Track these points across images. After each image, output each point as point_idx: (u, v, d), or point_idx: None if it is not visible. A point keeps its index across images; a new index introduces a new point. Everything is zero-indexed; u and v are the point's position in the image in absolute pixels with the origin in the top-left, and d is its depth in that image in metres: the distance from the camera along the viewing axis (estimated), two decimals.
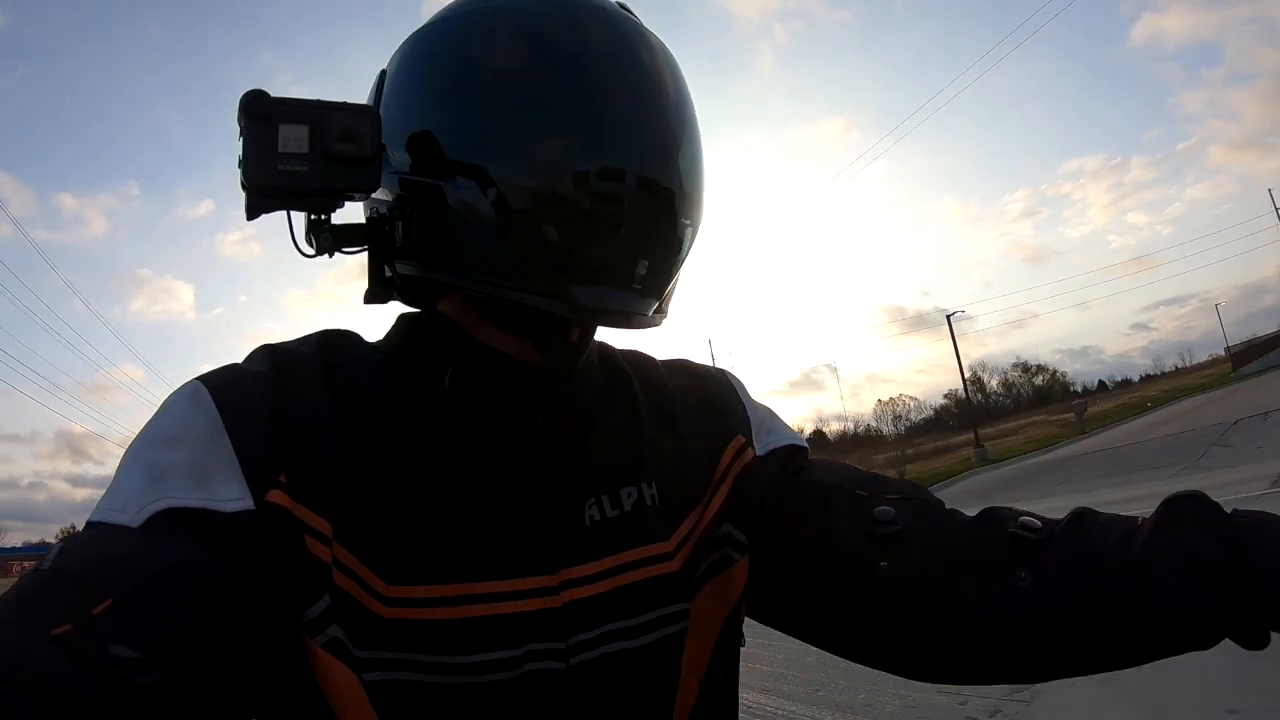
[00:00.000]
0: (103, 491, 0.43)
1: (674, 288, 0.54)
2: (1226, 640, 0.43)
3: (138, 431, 0.45)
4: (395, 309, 0.56)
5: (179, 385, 0.46)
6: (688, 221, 0.50)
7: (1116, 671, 0.48)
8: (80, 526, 0.43)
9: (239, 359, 0.50)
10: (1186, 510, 0.45)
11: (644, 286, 0.49)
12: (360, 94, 0.56)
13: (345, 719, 0.43)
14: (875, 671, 0.56)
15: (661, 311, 0.52)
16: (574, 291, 0.46)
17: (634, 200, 0.46)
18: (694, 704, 0.53)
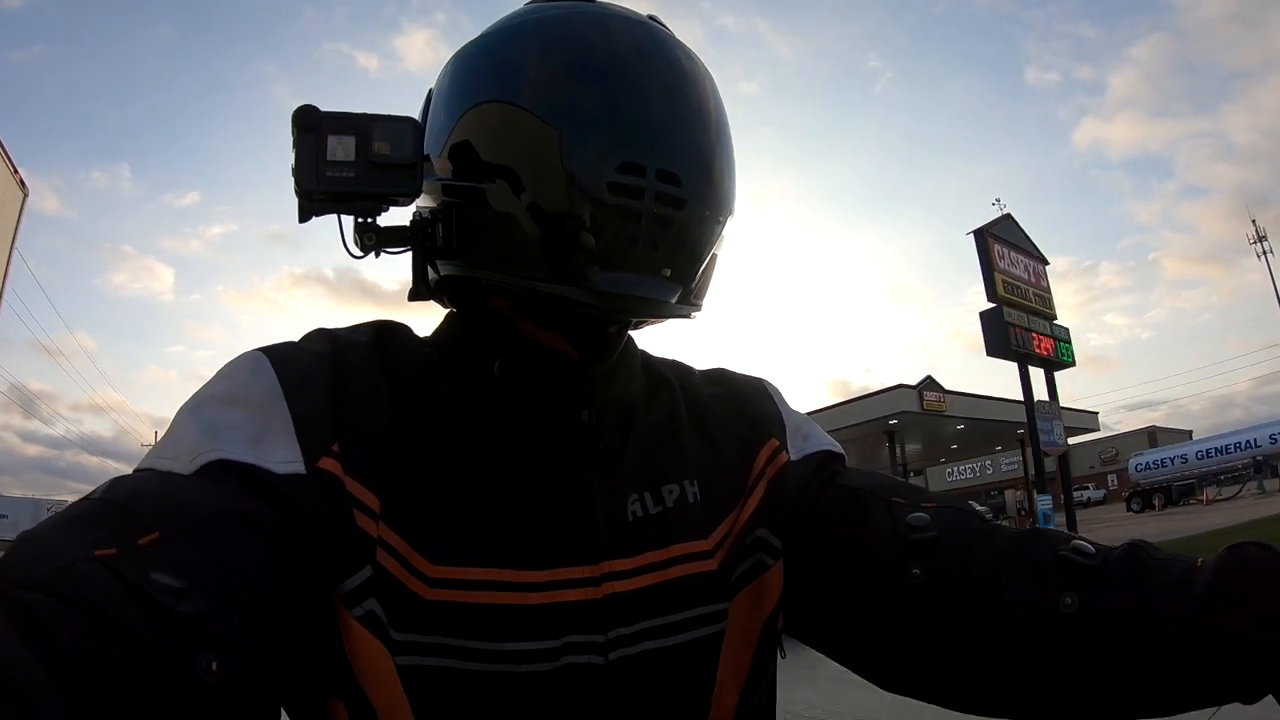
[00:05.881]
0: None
1: (705, 280, 0.55)
2: None
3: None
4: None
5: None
6: (712, 214, 0.51)
7: None
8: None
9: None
10: (1253, 558, 0.43)
11: (669, 276, 0.50)
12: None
13: (375, 698, 0.43)
14: None
15: (691, 303, 0.53)
16: (597, 279, 0.48)
17: (655, 192, 0.48)
18: (733, 714, 0.52)
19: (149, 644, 0.31)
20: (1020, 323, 18.16)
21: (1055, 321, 19.83)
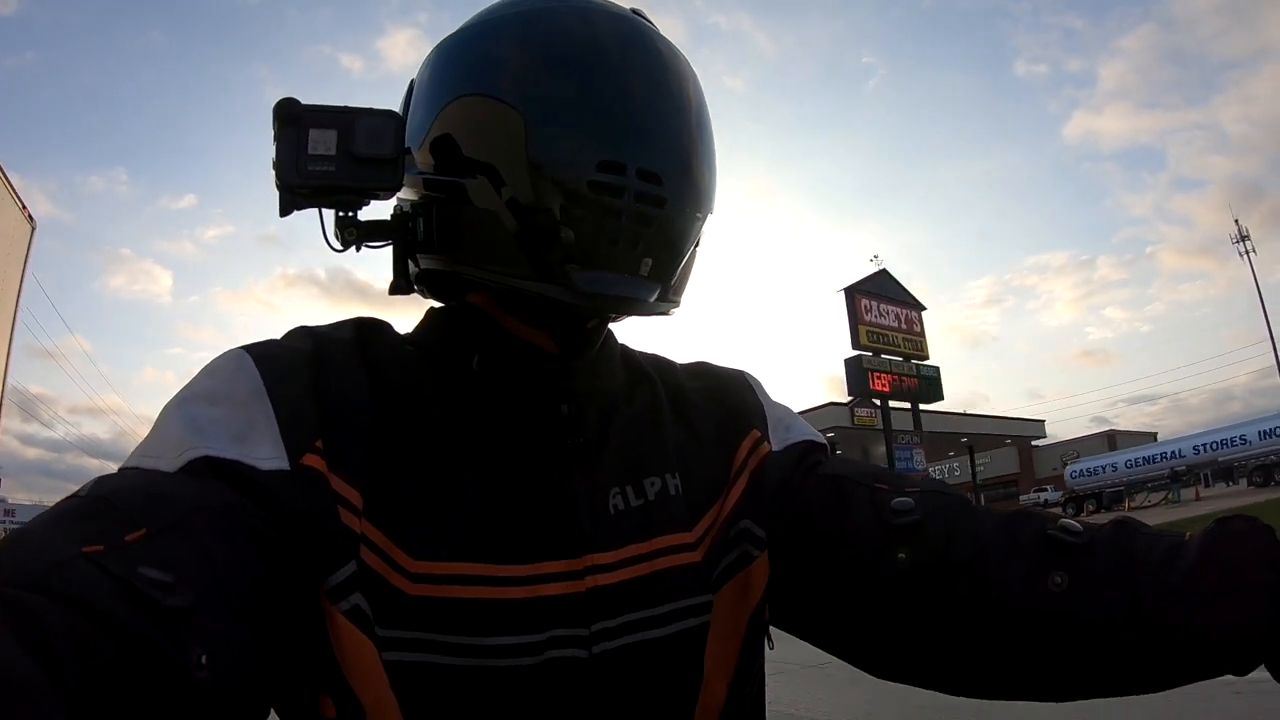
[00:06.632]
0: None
1: (684, 277, 0.55)
2: None
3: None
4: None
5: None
6: (692, 211, 0.52)
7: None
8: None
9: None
10: (1239, 531, 0.44)
11: (649, 273, 0.51)
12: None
13: (362, 694, 0.43)
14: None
15: (670, 300, 0.54)
16: (578, 278, 0.48)
17: (636, 191, 0.48)
18: (721, 707, 0.52)
19: (139, 638, 0.31)
20: (883, 367, 21.81)
21: (925, 362, 23.32)
